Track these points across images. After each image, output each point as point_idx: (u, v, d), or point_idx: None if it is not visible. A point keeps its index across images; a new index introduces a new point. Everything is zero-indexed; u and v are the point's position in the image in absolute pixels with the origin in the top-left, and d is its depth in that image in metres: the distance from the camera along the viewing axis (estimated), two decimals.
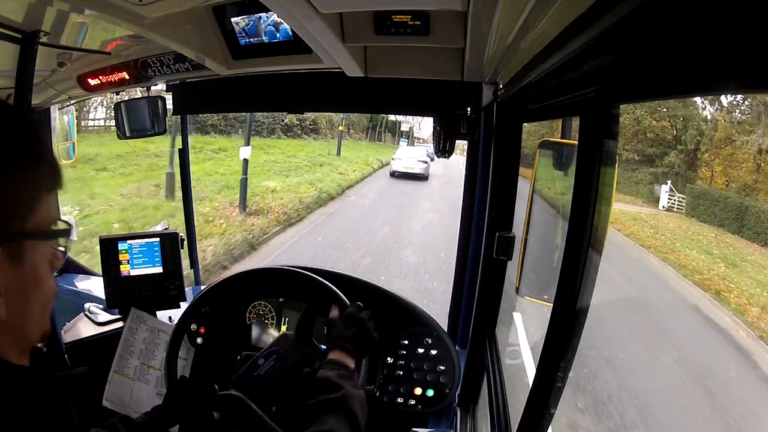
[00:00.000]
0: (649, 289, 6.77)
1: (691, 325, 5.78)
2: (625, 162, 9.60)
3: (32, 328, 0.51)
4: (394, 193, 13.42)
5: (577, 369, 3.62)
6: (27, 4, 1.08)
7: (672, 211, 8.47)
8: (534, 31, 0.63)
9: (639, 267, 7.57)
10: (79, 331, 1.65)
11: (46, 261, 0.52)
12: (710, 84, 0.36)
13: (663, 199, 8.52)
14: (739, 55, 0.29)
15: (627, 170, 9.51)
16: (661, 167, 9.50)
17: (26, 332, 0.50)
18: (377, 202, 11.96)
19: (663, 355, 4.63)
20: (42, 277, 0.51)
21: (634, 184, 9.51)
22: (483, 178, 1.35)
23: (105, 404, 1.41)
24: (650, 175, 9.41)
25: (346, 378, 0.92)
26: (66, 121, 1.99)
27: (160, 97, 1.70)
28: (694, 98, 9.67)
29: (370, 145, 29.43)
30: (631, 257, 7.78)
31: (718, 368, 4.64)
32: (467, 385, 1.36)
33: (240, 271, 1.48)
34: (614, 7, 0.40)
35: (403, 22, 0.98)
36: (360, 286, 1.51)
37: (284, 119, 20.28)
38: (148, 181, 9.74)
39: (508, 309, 1.54)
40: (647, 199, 9.01)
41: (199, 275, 2.17)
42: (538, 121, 1.07)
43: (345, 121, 25.25)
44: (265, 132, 19.86)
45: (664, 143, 9.71)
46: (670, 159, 9.47)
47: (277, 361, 1.19)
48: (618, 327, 5.03)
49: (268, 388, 1.17)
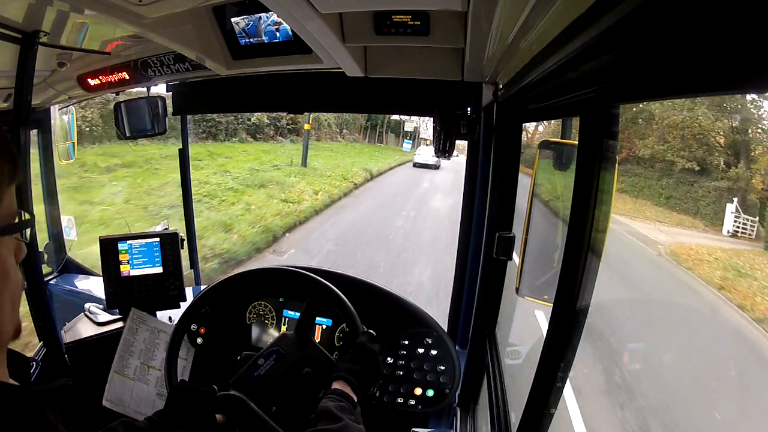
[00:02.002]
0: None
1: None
2: (681, 172, 7.28)
3: (4, 322, 0.50)
4: (385, 218, 9.18)
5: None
6: (27, 4, 1.08)
7: (737, 237, 6.14)
8: (534, 31, 0.63)
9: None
10: (79, 331, 1.65)
11: (12, 253, 0.51)
12: (710, 84, 0.36)
13: (728, 222, 6.29)
14: (739, 55, 0.29)
15: (684, 184, 7.40)
16: (725, 180, 7.14)
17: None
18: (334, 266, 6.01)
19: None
20: (9, 270, 0.50)
21: (693, 202, 7.34)
22: (483, 178, 1.35)
23: (105, 404, 1.41)
24: (713, 191, 7.11)
25: (347, 411, 0.92)
26: (66, 121, 1.99)
27: (160, 97, 1.70)
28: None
29: (366, 148, 24.59)
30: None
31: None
32: (467, 385, 1.36)
33: (240, 271, 1.47)
34: (614, 7, 0.40)
35: (403, 22, 0.98)
36: (360, 286, 1.51)
37: (251, 118, 16.47)
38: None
39: (510, 308, 1.53)
40: (711, 221, 6.88)
41: (199, 275, 2.17)
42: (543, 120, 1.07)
43: (338, 120, 23.11)
44: (223, 135, 15.39)
45: (725, 148, 7.37)
46: (737, 170, 7.05)
47: (277, 361, 1.19)
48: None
49: (268, 388, 1.17)
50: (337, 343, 1.49)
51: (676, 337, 4.00)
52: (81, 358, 1.61)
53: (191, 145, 6.02)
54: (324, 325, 1.53)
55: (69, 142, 2.02)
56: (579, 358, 0.81)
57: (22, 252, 0.53)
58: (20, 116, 1.36)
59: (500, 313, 1.32)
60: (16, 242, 0.52)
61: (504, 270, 1.25)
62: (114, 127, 1.72)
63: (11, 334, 0.51)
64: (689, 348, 3.89)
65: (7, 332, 0.51)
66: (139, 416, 1.04)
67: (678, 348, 3.85)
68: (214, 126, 14.98)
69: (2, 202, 0.48)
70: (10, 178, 0.50)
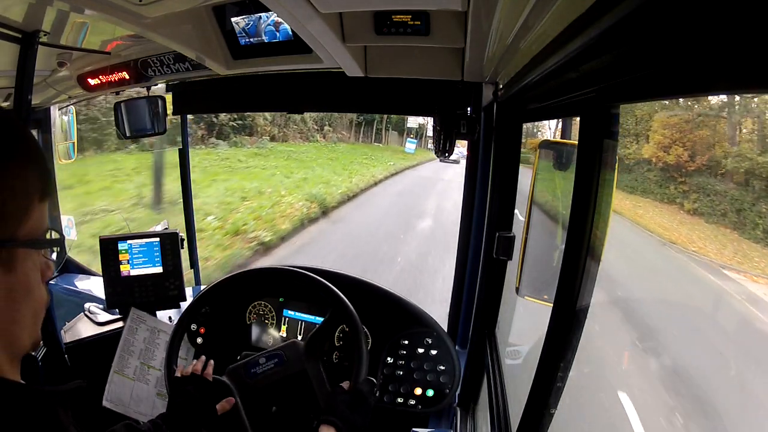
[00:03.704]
0: None
1: None
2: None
3: (23, 336, 0.50)
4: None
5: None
6: (27, 4, 1.08)
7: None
8: (534, 31, 0.63)
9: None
10: (79, 331, 1.65)
11: (38, 270, 0.51)
12: (710, 84, 0.36)
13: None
14: (739, 55, 0.29)
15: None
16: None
17: (17, 340, 0.50)
18: None
19: None
20: (33, 286, 0.51)
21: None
22: (483, 178, 1.35)
23: (105, 404, 1.41)
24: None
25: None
26: (66, 121, 1.99)
27: (160, 97, 1.69)
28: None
29: (355, 150, 19.17)
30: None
31: None
32: (467, 385, 1.36)
33: (240, 270, 1.48)
34: (614, 7, 0.40)
35: (403, 22, 0.98)
36: (360, 286, 1.50)
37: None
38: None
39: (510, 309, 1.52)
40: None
41: (199, 275, 2.17)
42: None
43: (320, 115, 17.31)
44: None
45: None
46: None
47: (277, 366, 1.19)
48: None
49: (260, 388, 1.17)
50: (337, 343, 1.49)
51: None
52: (81, 358, 1.61)
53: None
54: (307, 322, 1.53)
55: (69, 142, 2.02)
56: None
57: (50, 271, 0.54)
58: (20, 116, 1.36)
59: (500, 313, 1.32)
60: (44, 260, 0.53)
61: (504, 270, 1.25)
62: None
63: (29, 348, 0.52)
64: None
65: (24, 346, 0.51)
66: (139, 416, 1.05)
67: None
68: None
69: (31, 214, 0.49)
70: (41, 193, 0.50)
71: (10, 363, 0.49)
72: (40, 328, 0.54)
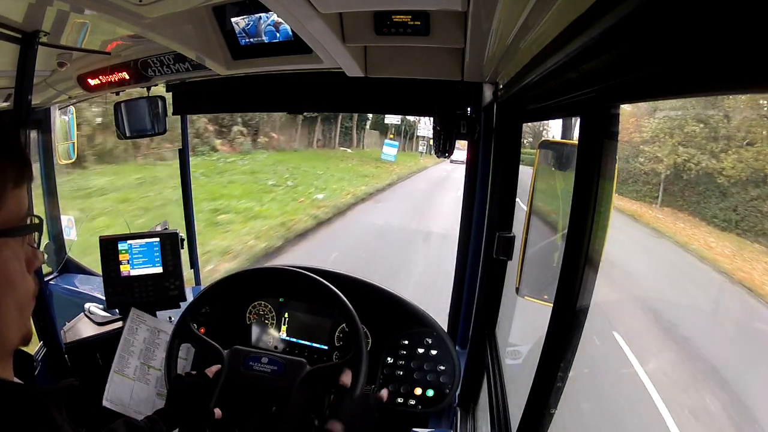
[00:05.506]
0: None
1: None
2: None
3: (9, 330, 0.48)
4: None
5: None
6: (27, 4, 1.08)
7: None
8: (534, 31, 0.63)
9: None
10: (79, 331, 1.65)
11: (20, 259, 0.49)
12: (710, 84, 0.36)
13: None
14: (739, 55, 0.29)
15: None
16: None
17: (2, 335, 0.48)
18: None
19: None
20: (14, 277, 0.48)
21: None
22: (483, 178, 1.35)
23: (105, 404, 1.41)
24: None
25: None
26: (66, 121, 1.99)
27: (160, 97, 1.70)
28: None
29: (288, 162, 13.61)
30: None
31: None
32: (467, 385, 1.36)
33: (240, 270, 1.48)
34: (614, 7, 0.40)
35: (403, 22, 0.98)
36: (360, 286, 1.50)
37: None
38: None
39: (510, 309, 1.52)
40: None
41: (199, 275, 2.17)
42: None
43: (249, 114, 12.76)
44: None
45: None
46: None
47: (273, 374, 1.18)
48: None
49: (245, 382, 1.17)
50: (337, 343, 1.49)
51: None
52: (81, 358, 1.61)
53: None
54: (307, 323, 1.53)
55: (69, 142, 2.02)
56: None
57: (36, 260, 0.52)
58: (20, 116, 1.36)
59: (500, 313, 1.32)
60: (30, 249, 0.51)
61: (504, 270, 1.25)
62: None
63: (17, 342, 0.50)
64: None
65: (12, 340, 0.49)
66: (139, 416, 1.05)
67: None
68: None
69: (5, 203, 0.47)
70: (15, 180, 0.48)
71: (0, 359, 0.48)
72: (29, 320, 0.52)
